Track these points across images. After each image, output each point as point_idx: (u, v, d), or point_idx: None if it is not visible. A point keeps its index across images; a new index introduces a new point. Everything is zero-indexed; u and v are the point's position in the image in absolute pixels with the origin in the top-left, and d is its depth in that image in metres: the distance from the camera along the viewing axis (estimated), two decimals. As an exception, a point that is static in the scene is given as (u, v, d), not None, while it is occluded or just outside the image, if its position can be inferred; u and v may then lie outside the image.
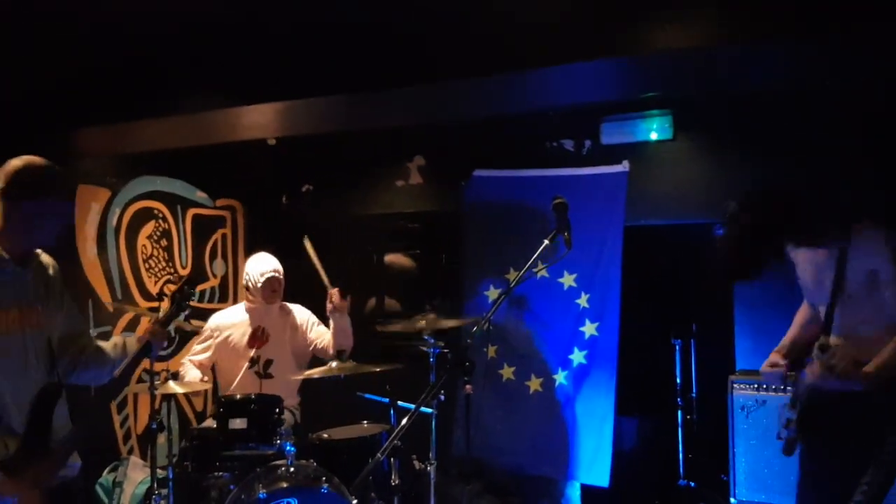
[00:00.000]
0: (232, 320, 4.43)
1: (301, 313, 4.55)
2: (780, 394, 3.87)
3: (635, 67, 3.71)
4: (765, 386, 3.91)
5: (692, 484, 4.61)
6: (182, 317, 3.02)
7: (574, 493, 4.70)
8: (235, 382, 4.33)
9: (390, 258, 5.88)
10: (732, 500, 3.93)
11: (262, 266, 4.37)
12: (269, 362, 4.30)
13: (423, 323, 3.67)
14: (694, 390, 4.82)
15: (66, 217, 2.64)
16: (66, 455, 2.53)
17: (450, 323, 3.75)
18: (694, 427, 4.77)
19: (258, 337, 4.31)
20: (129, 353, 2.81)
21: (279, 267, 4.40)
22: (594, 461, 4.38)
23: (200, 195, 5.77)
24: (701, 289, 4.82)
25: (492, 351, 4.71)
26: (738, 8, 3.37)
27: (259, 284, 4.34)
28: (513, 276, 4.51)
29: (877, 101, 4.10)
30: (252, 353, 4.28)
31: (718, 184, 4.56)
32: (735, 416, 3.95)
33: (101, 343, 2.84)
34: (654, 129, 4.70)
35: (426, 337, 3.92)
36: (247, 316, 4.42)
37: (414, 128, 5.21)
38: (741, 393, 3.95)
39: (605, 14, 3.50)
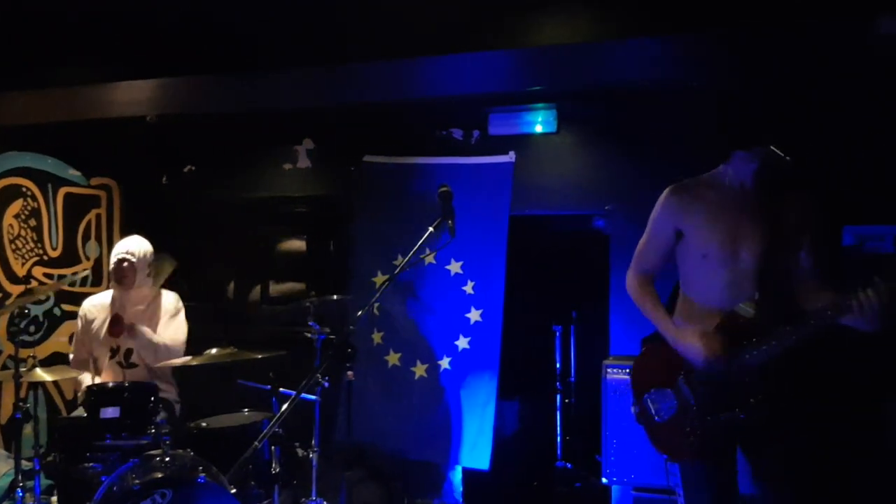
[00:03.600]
0: (97, 305, 4.22)
1: (167, 301, 4.25)
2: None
3: (520, 60, 3.80)
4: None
5: (569, 465, 4.79)
6: None
7: (456, 476, 4.80)
8: (103, 373, 4.12)
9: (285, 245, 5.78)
10: (604, 479, 4.09)
11: (117, 248, 4.15)
12: (129, 352, 4.11)
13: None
14: (573, 375, 5.00)
15: None
16: None
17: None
18: (572, 410, 4.95)
19: (115, 325, 4.08)
20: None
21: (135, 250, 4.10)
22: (476, 445, 4.47)
23: (74, 173, 5.48)
24: (580, 277, 5.01)
25: (378, 337, 4.72)
26: (621, 4, 3.50)
27: (111, 267, 4.14)
28: (400, 262, 4.52)
29: (753, 99, 4.33)
30: (112, 342, 4.10)
31: (598, 176, 4.73)
32: (608, 399, 4.11)
33: None
34: (539, 122, 4.81)
35: (311, 323, 3.88)
36: (110, 302, 4.21)
37: (303, 110, 5.13)
38: (614, 377, 4.11)
39: (493, 6, 3.56)
